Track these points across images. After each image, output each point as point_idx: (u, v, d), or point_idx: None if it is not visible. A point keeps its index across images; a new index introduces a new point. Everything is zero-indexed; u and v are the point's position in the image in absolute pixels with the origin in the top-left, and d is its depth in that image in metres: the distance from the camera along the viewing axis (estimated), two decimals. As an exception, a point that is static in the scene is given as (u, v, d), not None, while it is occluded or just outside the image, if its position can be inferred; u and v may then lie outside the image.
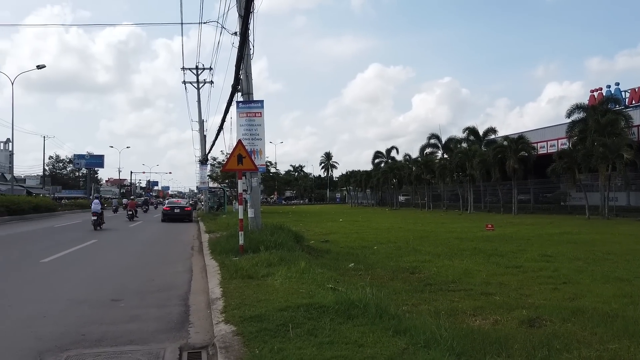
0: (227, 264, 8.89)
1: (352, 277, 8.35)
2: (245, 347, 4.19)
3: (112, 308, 6.41)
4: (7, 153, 60.05)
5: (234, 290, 6.59)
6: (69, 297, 7.04)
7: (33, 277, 8.95)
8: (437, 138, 45.84)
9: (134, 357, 4.42)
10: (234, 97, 13.11)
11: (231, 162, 10.55)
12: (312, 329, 4.57)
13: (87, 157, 74.99)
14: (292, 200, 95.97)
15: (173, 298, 7.07)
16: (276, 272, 7.61)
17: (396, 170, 52.75)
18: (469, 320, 5.62)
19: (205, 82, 37.34)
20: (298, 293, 6.08)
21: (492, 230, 18.95)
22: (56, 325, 5.51)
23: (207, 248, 12.36)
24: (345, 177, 75.32)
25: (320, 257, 11.18)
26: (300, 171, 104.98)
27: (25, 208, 30.14)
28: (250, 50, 11.86)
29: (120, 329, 5.34)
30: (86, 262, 11.05)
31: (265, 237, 10.74)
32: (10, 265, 10.45)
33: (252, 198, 12.44)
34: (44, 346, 4.70)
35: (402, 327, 4.53)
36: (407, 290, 7.51)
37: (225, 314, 5.37)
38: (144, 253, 13.18)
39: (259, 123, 12.12)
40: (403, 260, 10.80)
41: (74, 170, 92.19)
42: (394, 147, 61.84)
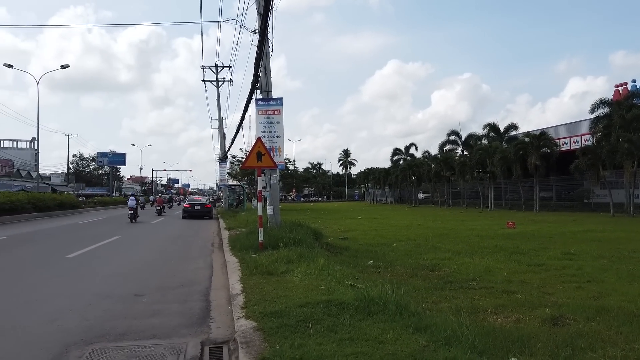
0: (247, 260, 8.96)
1: (371, 275, 8.35)
2: (266, 343, 4.22)
3: (135, 303, 6.53)
4: (33, 151, 61.53)
5: (254, 286, 6.64)
6: (93, 292, 7.19)
7: (59, 272, 9.17)
8: (457, 135, 45.34)
9: (157, 351, 4.50)
10: (253, 95, 13.16)
11: (250, 160, 10.62)
12: (332, 325, 4.58)
13: (109, 155, 76.32)
14: (310, 197, 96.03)
15: (194, 293, 7.17)
16: (295, 269, 7.65)
17: (415, 167, 52.37)
18: (491, 319, 5.56)
19: (225, 81, 37.66)
20: (317, 289, 6.10)
21: (513, 227, 18.69)
22: (82, 319, 5.63)
23: (227, 245, 12.47)
24: (364, 175, 75.06)
25: (339, 254, 11.20)
26: (319, 168, 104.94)
27: (51, 205, 30.87)
28: (269, 48, 11.89)
29: (144, 324, 5.44)
30: (110, 258, 11.27)
31: (284, 234, 10.80)
32: (38, 260, 10.72)
33: (271, 195, 12.50)
34: (70, 339, 4.82)
35: (422, 324, 4.51)
36: (427, 287, 7.47)
37: (246, 310, 5.42)
38: (166, 249, 13.37)
39: (277, 120, 12.16)
40: (423, 258, 10.73)
41: (97, 168, 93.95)
42: (412, 144, 61.54)
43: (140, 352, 4.48)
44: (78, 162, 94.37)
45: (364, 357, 3.72)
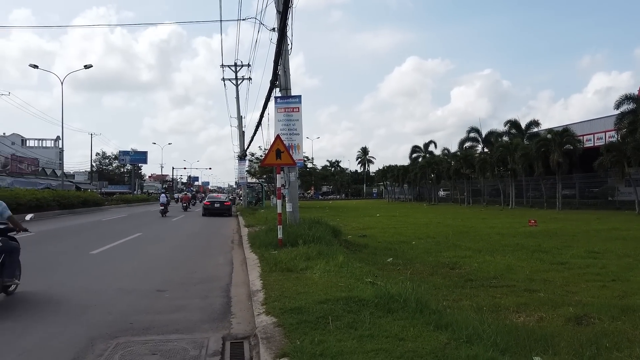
0: (266, 257, 9.02)
1: (390, 272, 8.32)
2: (286, 338, 4.25)
3: (157, 298, 6.64)
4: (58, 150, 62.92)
5: (274, 282, 6.69)
6: (117, 287, 7.34)
7: (83, 268, 9.38)
8: (477, 131, 44.78)
9: (180, 346, 4.57)
10: (272, 93, 13.24)
11: (270, 157, 10.68)
12: (352, 322, 4.59)
13: (131, 153, 77.55)
14: (328, 195, 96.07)
15: (215, 289, 7.25)
16: (315, 266, 7.67)
17: (434, 164, 51.91)
18: (513, 317, 5.51)
19: (244, 79, 37.86)
20: (337, 286, 6.11)
21: (535, 226, 18.41)
22: (106, 313, 5.76)
23: (247, 241, 12.58)
24: (382, 172, 74.71)
25: (358, 252, 11.19)
26: (337, 166, 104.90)
27: (75, 202, 31.54)
28: (288, 46, 11.93)
29: (166, 319, 5.53)
30: (132, 254, 11.47)
31: (303, 231, 10.84)
32: (63, 256, 10.97)
33: (290, 192, 12.55)
34: (96, 333, 4.93)
35: (443, 322, 4.49)
36: (448, 285, 7.42)
37: (266, 306, 5.46)
38: (186, 246, 13.55)
39: (296, 118, 12.20)
40: (442, 256, 10.66)
41: (119, 166, 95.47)
42: (432, 142, 60.88)
43: (163, 346, 4.55)
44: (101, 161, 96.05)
45: (385, 354, 3.72)
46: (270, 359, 3.88)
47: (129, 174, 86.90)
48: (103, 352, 4.35)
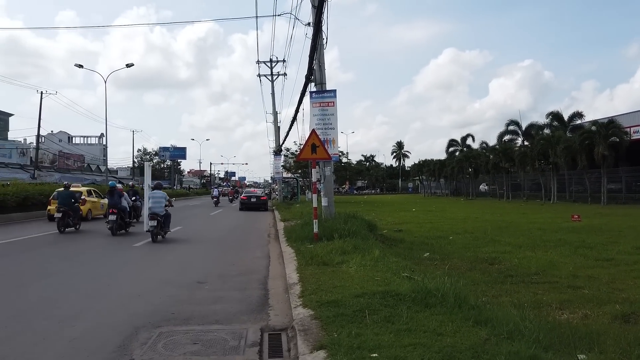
0: (302, 250, 9.09)
1: (427, 267, 8.24)
2: (323, 331, 4.28)
3: (197, 290, 6.81)
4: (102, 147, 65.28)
5: (310, 276, 6.74)
6: (159, 279, 7.58)
7: (127, 260, 9.72)
8: (517, 124, 43.51)
9: (220, 336, 4.68)
10: (307, 88, 13.28)
11: (305, 151, 10.74)
12: (389, 316, 4.58)
13: (171, 149, 79.42)
14: (363, 190, 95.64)
15: (253, 282, 7.38)
16: (350, 260, 7.68)
17: (472, 158, 50.81)
18: (555, 314, 5.36)
19: (279, 75, 38.19)
20: (373, 280, 6.10)
21: (578, 221, 17.76)
22: (149, 303, 5.96)
23: (283, 235, 12.71)
24: (418, 167, 73.75)
25: (393, 246, 11.12)
26: (372, 161, 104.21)
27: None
28: (323, 40, 11.94)
29: (206, 309, 5.67)
30: (173, 247, 11.77)
31: (338, 226, 10.86)
32: (108, 249, 11.40)
33: (326, 187, 12.59)
34: (139, 322, 5.11)
35: (482, 317, 4.41)
36: (487, 281, 7.28)
37: (303, 299, 5.52)
38: (224, 239, 13.81)
39: (331, 112, 12.21)
40: (481, 251, 10.45)
41: (159, 162, 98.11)
42: (469, 135, 59.81)
43: (204, 336, 4.68)
44: (142, 157, 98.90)
45: (423, 348, 3.69)
46: (308, 350, 3.92)
47: (168, 170, 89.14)
48: (147, 341, 4.51)
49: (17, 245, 11.67)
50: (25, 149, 50.58)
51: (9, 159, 45.06)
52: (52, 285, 7.13)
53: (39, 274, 8.02)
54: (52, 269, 8.55)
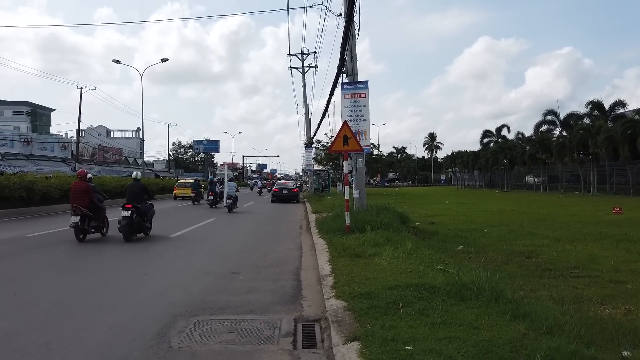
0: (334, 242, 9.10)
1: (461, 260, 8.10)
2: (357, 323, 4.28)
3: (232, 280, 6.92)
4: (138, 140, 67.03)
5: (343, 267, 6.74)
6: (194, 269, 7.74)
7: (163, 251, 9.96)
8: (554, 114, 42.17)
9: (254, 326, 4.74)
10: (339, 79, 13.21)
11: (337, 143, 10.71)
12: (423, 308, 4.53)
13: (204, 142, 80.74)
14: (394, 182, 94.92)
15: (286, 273, 7.44)
16: (383, 252, 7.64)
17: (507, 149, 49.62)
18: (597, 309, 5.18)
19: (310, 67, 38.15)
20: (406, 273, 6.05)
21: (620, 213, 17.09)
22: (185, 293, 6.09)
23: (315, 227, 12.76)
24: (451, 158, 72.58)
25: (426, 239, 11.00)
26: (403, 153, 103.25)
27: (154, 189, 33.50)
28: (355, 31, 11.83)
29: (241, 299, 5.76)
30: (207, 238, 12.03)
31: (370, 218, 10.81)
32: (146, 239, 11.70)
33: (357, 179, 12.54)
34: (177, 311, 5.24)
35: (520, 311, 4.31)
36: (524, 274, 7.11)
37: (336, 290, 5.53)
38: (257, 231, 13.98)
39: (363, 104, 12.12)
40: (517, 244, 10.21)
41: (193, 155, 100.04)
42: (504, 125, 58.29)
43: (239, 325, 4.75)
44: (177, 150, 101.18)
45: (458, 341, 3.64)
46: (342, 342, 3.93)
47: (202, 162, 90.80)
48: (184, 329, 4.61)
49: (59, 235, 12.13)
50: (66, 142, 52.39)
51: (51, 152, 46.76)
52: (95, 274, 7.38)
53: (83, 263, 8.32)
54: (92, 258, 8.86)
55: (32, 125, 73.20)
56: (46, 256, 9.04)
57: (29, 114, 75.83)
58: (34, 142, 44.46)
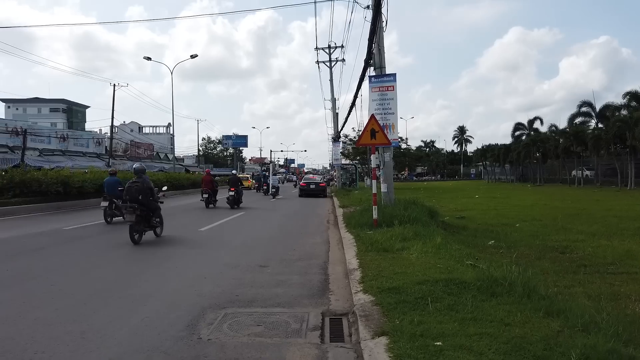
0: (362, 236, 9.06)
1: (492, 255, 7.95)
2: (385, 317, 4.25)
3: (260, 273, 6.98)
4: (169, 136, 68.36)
5: (370, 262, 6.71)
6: (223, 262, 7.84)
7: (193, 244, 10.12)
8: (590, 105, 40.79)
9: (282, 319, 4.77)
10: (366, 72, 13.09)
11: (364, 137, 10.63)
12: (453, 304, 4.46)
13: (233, 137, 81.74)
14: (423, 176, 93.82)
15: (313, 267, 7.45)
16: (411, 247, 7.56)
17: (540, 142, 48.28)
18: (635, 307, 4.98)
19: (337, 61, 38.06)
20: (435, 268, 5.97)
21: (661, 208, 16.43)
22: (214, 285, 6.18)
23: (342, 221, 12.72)
24: (481, 152, 71.23)
25: (456, 234, 10.83)
26: (432, 146, 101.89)
27: (185, 184, 34.24)
28: (382, 23, 11.69)
29: (269, 292, 5.80)
30: (236, 232, 12.17)
31: (398, 212, 10.72)
32: (176, 233, 11.93)
33: (385, 173, 12.44)
34: (206, 303, 5.32)
35: (554, 308, 4.19)
36: (557, 270, 6.92)
37: (363, 284, 5.50)
38: (285, 225, 14.06)
39: (391, 97, 11.99)
40: (551, 239, 9.95)
41: (222, 150, 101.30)
42: (537, 118, 56.89)
43: (267, 318, 4.78)
44: (206, 145, 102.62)
45: (489, 338, 3.56)
46: (370, 336, 3.90)
47: (231, 157, 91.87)
48: (213, 321, 4.67)
49: (94, 228, 12.49)
50: (100, 138, 53.89)
51: (86, 148, 48.22)
52: (128, 266, 7.57)
53: (116, 255, 8.54)
54: (125, 250, 9.08)
55: (67, 122, 75.59)
56: (81, 248, 9.32)
57: (65, 111, 78.33)
58: (70, 138, 45.91)
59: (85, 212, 17.15)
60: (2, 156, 32.06)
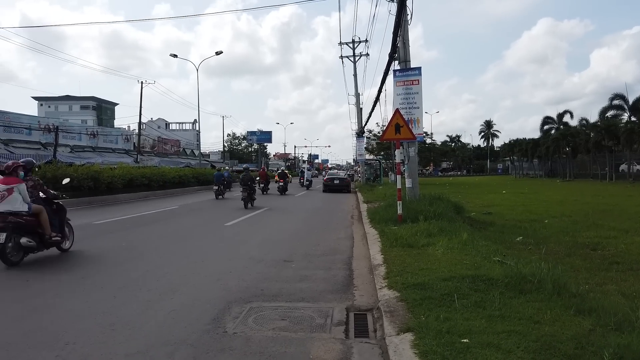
0: (386, 232, 9.00)
1: (520, 251, 7.79)
2: (410, 314, 4.21)
3: (284, 268, 7.01)
4: (195, 132, 69.27)
5: (395, 257, 6.65)
6: (248, 256, 7.90)
7: (219, 238, 10.25)
8: (622, 98, 39.47)
9: (307, 314, 4.77)
10: (391, 66, 12.97)
11: (389, 132, 10.55)
12: (480, 301, 4.38)
13: (257, 133, 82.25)
14: (448, 171, 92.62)
15: (337, 262, 7.44)
16: (437, 242, 7.48)
17: (569, 136, 46.98)
18: (672, 306, 4.79)
19: (361, 55, 37.82)
20: (461, 264, 5.88)
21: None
22: (240, 279, 6.23)
23: (366, 217, 12.67)
24: (508, 147, 69.74)
25: (482, 230, 10.66)
26: (457, 141, 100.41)
27: (210, 179, 34.59)
28: (407, 16, 11.54)
29: (293, 287, 5.82)
30: (260, 226, 12.26)
31: (423, 207, 10.61)
32: (202, 228, 12.11)
33: (410, 168, 12.32)
34: (231, 297, 5.37)
35: (585, 306, 4.07)
36: (588, 268, 6.73)
37: (388, 280, 5.46)
38: (309, 220, 14.09)
39: (416, 91, 11.84)
40: (581, 236, 9.68)
41: (247, 145, 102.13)
42: (567, 111, 55.34)
43: (291, 312, 4.80)
44: (231, 141, 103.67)
45: (518, 336, 3.49)
46: (395, 332, 3.87)
47: (256, 153, 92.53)
48: (238, 315, 4.72)
49: (123, 223, 12.77)
50: (129, 135, 54.97)
51: (115, 144, 49.30)
52: (157, 259, 7.71)
53: (145, 249, 8.71)
54: (152, 245, 9.25)
55: (97, 119, 77.40)
56: (111, 242, 9.54)
57: (94, 109, 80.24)
58: (99, 135, 47.01)
59: (115, 207, 17.56)
60: (35, 153, 33.07)
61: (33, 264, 7.30)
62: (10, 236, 6.96)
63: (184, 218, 14.46)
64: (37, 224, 7.39)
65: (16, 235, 7.05)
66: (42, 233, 7.45)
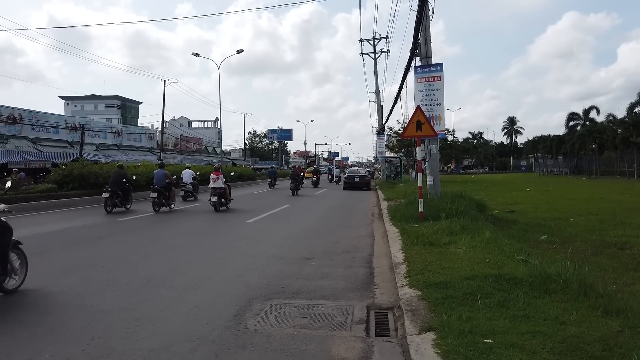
0: (407, 230, 8.93)
1: (545, 250, 7.64)
2: (432, 312, 4.16)
3: (305, 265, 7.02)
4: (217, 130, 69.91)
5: (416, 256, 6.60)
6: (269, 254, 7.95)
7: (240, 235, 10.33)
8: (652, 93, 38.31)
9: (327, 311, 4.77)
10: (412, 63, 12.85)
11: (410, 129, 10.46)
12: (503, 300, 4.31)
13: (278, 131, 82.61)
14: (470, 169, 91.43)
15: (358, 260, 7.42)
16: (459, 241, 7.39)
17: (596, 133, 45.90)
18: None
19: (382, 52, 37.61)
20: (484, 263, 5.80)
21: None
22: (261, 276, 6.27)
23: (387, 215, 12.60)
24: (532, 143, 68.53)
25: (506, 228, 10.49)
26: (480, 138, 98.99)
27: (231, 177, 34.97)
28: (429, 12, 11.41)
29: (313, 285, 5.82)
30: (281, 224, 12.30)
31: (445, 205, 10.50)
32: (223, 225, 12.22)
33: (431, 165, 12.20)
34: (253, 294, 5.41)
35: (613, 307, 3.97)
36: (616, 267, 6.55)
37: (409, 279, 5.42)
38: (329, 217, 14.08)
39: (437, 87, 11.71)
40: (608, 234, 9.44)
41: (268, 143, 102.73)
42: (593, 107, 54.11)
43: (312, 310, 4.81)
44: (252, 139, 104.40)
45: (543, 337, 3.42)
46: (416, 331, 3.83)
47: (276, 151, 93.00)
48: (259, 312, 4.75)
49: (146, 220, 12.98)
50: (152, 133, 55.79)
51: (139, 142, 50.12)
52: (179, 256, 7.82)
53: (168, 246, 8.84)
54: (175, 241, 9.38)
55: (122, 118, 78.81)
56: (135, 239, 9.71)
57: (119, 107, 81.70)
58: (124, 133, 47.85)
59: (139, 204, 17.85)
60: (62, 151, 33.89)
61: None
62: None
63: (207, 215, 14.60)
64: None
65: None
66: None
